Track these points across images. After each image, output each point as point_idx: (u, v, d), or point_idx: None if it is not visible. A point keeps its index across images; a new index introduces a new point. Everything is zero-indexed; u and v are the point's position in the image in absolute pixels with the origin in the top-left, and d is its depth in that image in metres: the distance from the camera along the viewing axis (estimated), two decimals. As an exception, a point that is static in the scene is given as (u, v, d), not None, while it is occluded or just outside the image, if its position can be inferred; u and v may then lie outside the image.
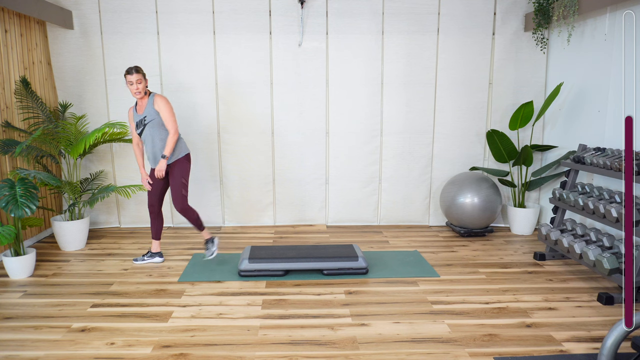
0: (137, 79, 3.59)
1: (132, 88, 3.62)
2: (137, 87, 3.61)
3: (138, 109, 3.76)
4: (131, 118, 3.81)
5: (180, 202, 3.79)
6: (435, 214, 5.28)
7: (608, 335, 2.15)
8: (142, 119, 3.73)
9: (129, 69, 3.59)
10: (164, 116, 3.69)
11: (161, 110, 3.68)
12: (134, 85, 3.60)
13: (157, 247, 4.06)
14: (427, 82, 5.02)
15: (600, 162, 3.64)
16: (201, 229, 3.97)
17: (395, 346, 2.67)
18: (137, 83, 3.59)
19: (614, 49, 3.93)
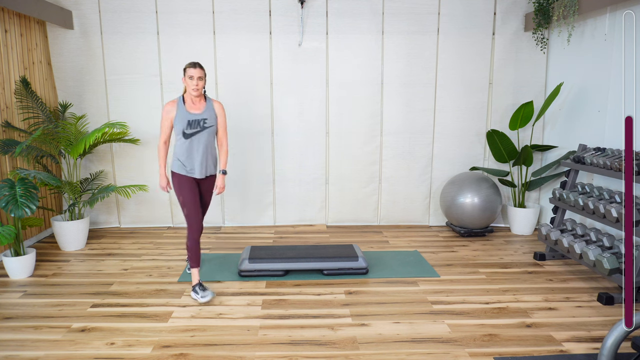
0: (199, 75, 3.22)
1: (191, 83, 3.22)
2: (197, 83, 3.22)
3: (189, 108, 3.29)
4: (172, 114, 3.26)
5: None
6: (435, 214, 5.28)
7: (608, 335, 2.15)
8: (200, 120, 3.28)
9: (194, 63, 3.24)
10: (222, 125, 3.39)
11: (221, 117, 3.38)
12: (194, 81, 3.21)
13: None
14: (427, 82, 5.02)
15: (600, 162, 3.64)
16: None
17: (395, 346, 2.67)
18: (197, 79, 3.22)
19: (614, 49, 3.93)
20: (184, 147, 3.28)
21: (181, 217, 5.17)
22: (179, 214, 5.17)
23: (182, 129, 3.25)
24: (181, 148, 3.29)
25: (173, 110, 3.27)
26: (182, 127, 3.25)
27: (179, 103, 3.29)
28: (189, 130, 3.26)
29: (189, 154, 3.30)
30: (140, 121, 4.94)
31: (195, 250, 3.32)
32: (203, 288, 3.29)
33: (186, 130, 3.26)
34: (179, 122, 3.25)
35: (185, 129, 3.25)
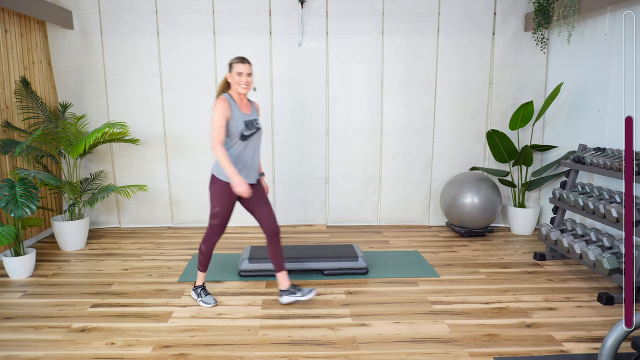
0: (248, 71, 2.98)
1: (240, 79, 2.96)
2: (247, 79, 2.97)
3: (241, 107, 3.03)
4: (229, 114, 2.95)
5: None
6: (435, 214, 5.28)
7: (608, 335, 2.15)
8: (253, 121, 3.05)
9: (242, 57, 3.00)
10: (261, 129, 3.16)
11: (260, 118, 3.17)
12: (244, 77, 2.96)
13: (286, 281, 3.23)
14: (427, 82, 5.02)
15: (600, 162, 3.64)
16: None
17: (395, 346, 2.67)
18: (247, 75, 2.97)
19: (614, 49, 3.92)
20: (240, 150, 3.00)
21: (181, 217, 5.18)
22: (179, 214, 5.17)
23: (240, 130, 2.96)
24: (236, 152, 2.99)
25: (229, 110, 2.94)
26: (241, 129, 2.96)
27: (231, 102, 2.98)
28: (247, 132, 2.98)
29: (246, 159, 3.04)
30: (140, 121, 4.94)
31: (209, 255, 3.21)
32: (206, 292, 3.26)
33: (245, 132, 2.97)
34: (237, 123, 2.95)
35: (243, 131, 2.96)
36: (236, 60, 2.99)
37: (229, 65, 3.02)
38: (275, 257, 3.24)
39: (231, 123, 2.94)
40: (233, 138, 2.97)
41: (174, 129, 5.02)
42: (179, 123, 5.01)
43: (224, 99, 2.97)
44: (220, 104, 2.93)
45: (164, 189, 5.11)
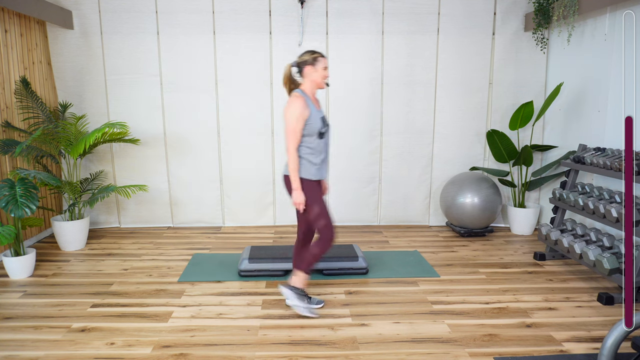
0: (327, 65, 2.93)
1: (325, 74, 2.90)
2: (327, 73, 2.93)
3: (315, 104, 2.94)
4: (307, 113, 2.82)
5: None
6: (435, 214, 5.28)
7: (608, 335, 2.15)
8: (325, 118, 2.98)
9: (321, 53, 2.92)
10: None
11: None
12: (327, 72, 2.92)
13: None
14: (427, 82, 5.02)
15: (600, 162, 3.64)
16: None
17: (395, 346, 2.67)
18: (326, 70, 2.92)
19: (614, 49, 3.92)
20: (319, 148, 2.90)
21: (181, 217, 5.18)
22: (179, 214, 5.17)
23: (318, 128, 2.87)
24: (316, 150, 2.89)
25: (307, 108, 2.82)
26: (319, 127, 2.87)
27: (307, 100, 2.86)
28: (324, 129, 2.91)
29: (323, 155, 2.95)
30: (140, 121, 4.94)
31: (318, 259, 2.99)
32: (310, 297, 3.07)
33: (322, 129, 2.89)
34: (315, 121, 2.85)
35: (321, 129, 2.88)
36: (320, 54, 2.89)
37: (313, 59, 2.87)
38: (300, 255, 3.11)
39: (309, 122, 2.83)
40: (312, 136, 2.87)
41: (174, 129, 5.02)
42: (179, 123, 5.01)
43: (299, 97, 2.82)
44: (298, 102, 2.79)
45: (164, 189, 5.11)
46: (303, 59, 2.90)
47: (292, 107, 2.80)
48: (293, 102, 2.81)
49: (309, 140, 2.88)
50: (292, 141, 2.82)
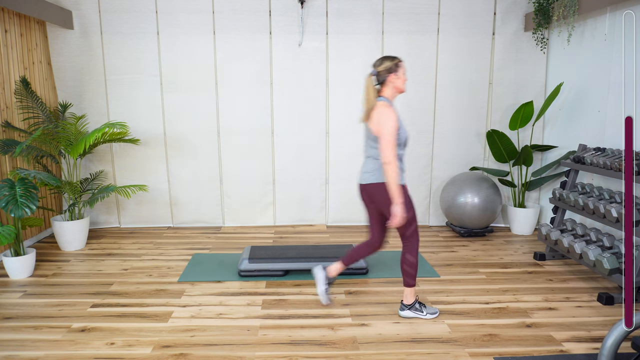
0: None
1: (405, 78, 2.84)
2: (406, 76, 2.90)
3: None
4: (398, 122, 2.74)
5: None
6: (435, 214, 5.27)
7: (608, 335, 2.15)
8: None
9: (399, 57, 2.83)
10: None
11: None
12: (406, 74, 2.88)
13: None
14: (427, 82, 5.02)
15: (600, 162, 3.63)
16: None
17: (395, 346, 2.67)
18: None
19: (614, 49, 3.92)
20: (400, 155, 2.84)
21: (181, 217, 5.18)
22: (178, 214, 5.17)
23: (406, 136, 2.81)
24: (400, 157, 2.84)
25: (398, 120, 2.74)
26: (406, 135, 2.82)
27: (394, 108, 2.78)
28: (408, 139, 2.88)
29: (404, 164, 2.90)
30: (140, 121, 4.94)
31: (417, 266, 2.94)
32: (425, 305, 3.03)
33: (408, 137, 2.87)
34: (403, 131, 2.79)
35: (407, 136, 2.84)
36: (399, 59, 2.79)
37: (395, 65, 2.77)
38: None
39: (399, 132, 2.75)
40: (398, 146, 2.77)
41: (174, 129, 5.02)
42: (179, 123, 5.01)
43: (389, 106, 2.74)
44: (392, 112, 2.70)
45: (164, 189, 5.11)
46: (385, 67, 2.78)
47: (388, 117, 2.68)
48: (387, 112, 2.70)
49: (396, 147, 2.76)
50: (393, 152, 2.68)
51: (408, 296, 2.98)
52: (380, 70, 2.79)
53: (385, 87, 2.82)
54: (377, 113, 2.74)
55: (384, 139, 2.69)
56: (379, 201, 2.88)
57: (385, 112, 2.71)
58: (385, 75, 2.79)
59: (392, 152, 2.68)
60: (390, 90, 2.82)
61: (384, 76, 2.79)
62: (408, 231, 2.90)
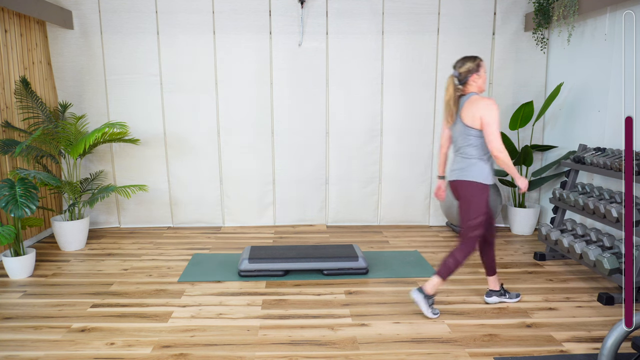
0: None
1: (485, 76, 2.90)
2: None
3: None
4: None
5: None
6: (435, 214, 5.27)
7: (608, 336, 2.15)
8: None
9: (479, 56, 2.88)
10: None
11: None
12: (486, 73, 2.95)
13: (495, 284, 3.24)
14: (427, 82, 5.02)
15: (600, 162, 3.63)
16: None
17: (395, 346, 2.67)
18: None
19: (614, 49, 3.92)
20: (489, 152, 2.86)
21: (181, 217, 5.18)
22: (178, 214, 5.17)
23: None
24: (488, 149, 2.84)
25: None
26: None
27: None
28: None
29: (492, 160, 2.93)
30: (140, 121, 4.94)
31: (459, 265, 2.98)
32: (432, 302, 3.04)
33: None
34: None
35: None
36: (480, 59, 2.85)
37: (477, 66, 2.83)
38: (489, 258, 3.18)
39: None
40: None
41: (174, 129, 5.02)
42: (179, 123, 5.01)
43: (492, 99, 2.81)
44: (495, 106, 2.75)
45: (163, 189, 5.11)
46: (467, 68, 2.83)
47: (491, 110, 2.73)
48: (490, 104, 2.75)
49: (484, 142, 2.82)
50: (500, 140, 2.74)
51: (432, 285, 2.98)
52: (462, 71, 2.84)
53: (467, 87, 2.86)
54: (478, 106, 2.76)
55: (490, 129, 2.72)
56: (463, 196, 2.91)
57: (487, 104, 2.73)
58: (468, 76, 2.84)
59: (502, 144, 2.72)
60: (477, 88, 2.87)
61: (465, 77, 2.84)
62: (471, 232, 2.92)
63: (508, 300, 3.24)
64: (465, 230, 2.94)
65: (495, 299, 3.22)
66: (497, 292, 3.22)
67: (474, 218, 2.89)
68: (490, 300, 3.22)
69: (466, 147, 2.87)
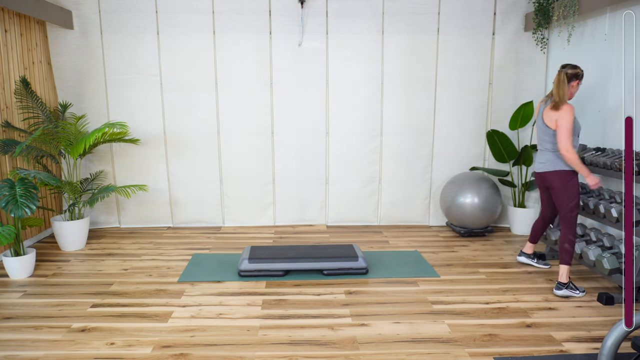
0: None
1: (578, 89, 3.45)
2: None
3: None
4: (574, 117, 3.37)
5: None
6: (435, 214, 5.28)
7: (608, 335, 2.15)
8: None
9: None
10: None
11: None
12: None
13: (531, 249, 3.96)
14: (427, 82, 5.02)
15: (600, 162, 3.63)
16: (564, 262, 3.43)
17: (395, 346, 2.67)
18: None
19: (614, 49, 3.92)
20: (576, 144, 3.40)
21: (181, 217, 5.18)
22: (178, 214, 5.17)
23: (579, 130, 3.42)
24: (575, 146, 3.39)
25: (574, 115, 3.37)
26: (579, 129, 3.43)
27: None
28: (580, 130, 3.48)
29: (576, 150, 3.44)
30: (140, 121, 4.94)
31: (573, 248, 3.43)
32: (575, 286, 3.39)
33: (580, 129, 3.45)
34: (578, 124, 3.39)
35: (580, 131, 3.43)
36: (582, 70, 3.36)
37: (576, 75, 3.32)
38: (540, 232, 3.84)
39: (576, 125, 3.36)
40: (575, 136, 3.38)
41: (174, 129, 5.02)
42: (179, 123, 5.01)
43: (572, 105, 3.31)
44: (573, 111, 3.28)
45: (163, 188, 5.11)
46: (577, 73, 3.34)
47: (570, 114, 3.27)
48: (570, 111, 3.28)
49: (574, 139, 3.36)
50: (570, 140, 3.27)
51: (564, 275, 3.37)
52: (574, 73, 3.34)
53: (565, 86, 3.33)
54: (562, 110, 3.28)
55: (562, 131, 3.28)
56: (552, 185, 3.44)
57: (568, 109, 3.28)
58: (574, 80, 3.35)
59: (570, 143, 3.27)
60: (567, 92, 3.35)
61: (573, 80, 3.35)
62: (572, 213, 3.38)
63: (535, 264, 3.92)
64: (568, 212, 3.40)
65: (523, 258, 3.95)
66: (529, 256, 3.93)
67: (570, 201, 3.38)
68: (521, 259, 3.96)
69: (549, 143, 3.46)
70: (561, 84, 3.31)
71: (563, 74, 3.31)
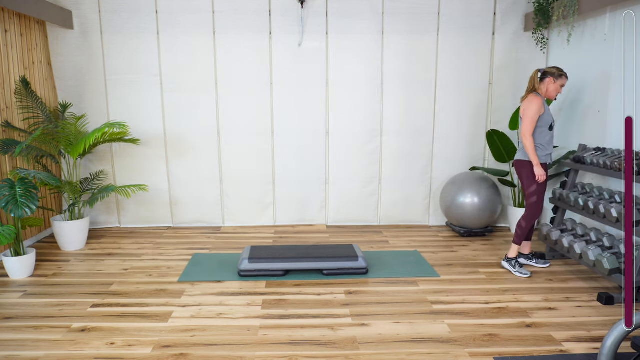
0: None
1: (560, 90, 3.63)
2: (561, 90, 3.76)
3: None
4: (543, 110, 3.56)
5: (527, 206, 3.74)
6: (435, 214, 5.28)
7: (608, 335, 2.15)
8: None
9: (566, 73, 3.62)
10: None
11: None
12: (562, 89, 3.71)
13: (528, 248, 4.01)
14: (427, 82, 5.02)
15: (600, 162, 3.64)
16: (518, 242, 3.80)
17: (395, 346, 2.67)
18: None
19: (614, 49, 3.92)
20: (548, 138, 3.61)
21: (181, 217, 5.18)
22: (178, 214, 5.18)
23: (550, 122, 3.60)
24: (546, 139, 3.61)
25: (543, 108, 3.55)
26: (551, 121, 3.60)
27: (544, 102, 3.58)
28: (554, 124, 3.65)
29: (550, 145, 3.65)
30: (140, 121, 4.94)
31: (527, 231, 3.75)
32: (521, 265, 3.79)
33: (553, 124, 3.63)
34: (548, 117, 3.58)
35: (552, 123, 3.61)
36: (565, 75, 3.58)
37: (558, 75, 3.55)
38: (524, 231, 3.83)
39: (544, 117, 3.55)
40: (543, 128, 3.58)
41: (173, 129, 5.02)
42: (179, 123, 5.01)
43: (539, 98, 3.54)
44: (539, 102, 3.52)
45: (163, 189, 5.11)
46: (550, 71, 3.58)
47: (534, 104, 3.52)
48: (534, 99, 3.53)
49: (542, 131, 3.58)
50: (529, 129, 3.53)
51: (512, 251, 3.81)
52: (546, 71, 3.58)
53: (541, 85, 3.60)
54: (527, 100, 3.56)
55: (524, 119, 3.55)
56: (518, 172, 3.72)
57: (532, 99, 3.53)
58: (546, 77, 3.57)
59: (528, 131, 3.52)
60: (543, 90, 3.60)
61: (545, 77, 3.58)
62: (530, 200, 3.65)
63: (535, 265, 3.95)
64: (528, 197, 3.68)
65: (523, 260, 3.97)
66: (527, 256, 3.97)
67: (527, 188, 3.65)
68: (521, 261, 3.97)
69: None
70: (530, 80, 3.62)
71: (535, 71, 3.60)
